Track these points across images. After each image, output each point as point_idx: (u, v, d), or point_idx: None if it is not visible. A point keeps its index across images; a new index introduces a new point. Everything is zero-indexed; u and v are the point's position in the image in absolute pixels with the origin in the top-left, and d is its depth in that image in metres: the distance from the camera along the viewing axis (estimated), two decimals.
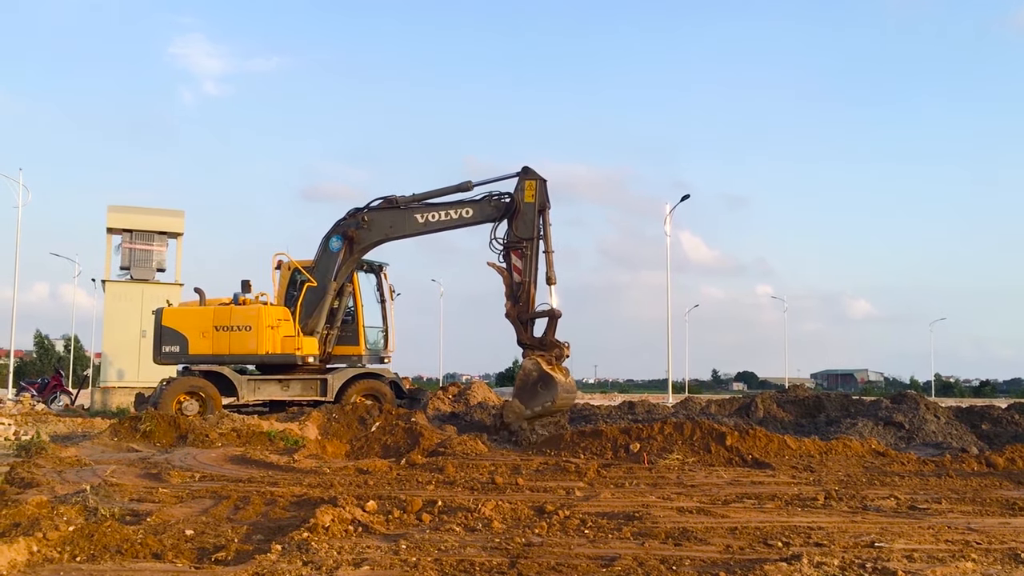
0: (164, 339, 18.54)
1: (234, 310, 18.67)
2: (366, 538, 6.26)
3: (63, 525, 5.93)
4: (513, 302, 17.20)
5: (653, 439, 12.51)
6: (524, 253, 17.36)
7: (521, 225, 17.39)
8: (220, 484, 9.22)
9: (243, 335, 18.52)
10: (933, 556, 5.84)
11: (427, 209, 18.07)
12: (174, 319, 18.73)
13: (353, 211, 18.66)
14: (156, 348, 18.63)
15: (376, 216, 18.35)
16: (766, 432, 12.94)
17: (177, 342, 18.51)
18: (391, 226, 18.31)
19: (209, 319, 18.65)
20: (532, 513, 7.40)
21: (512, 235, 17.45)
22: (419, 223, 18.09)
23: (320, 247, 18.85)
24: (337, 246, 18.53)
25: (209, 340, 18.54)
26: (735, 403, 20.27)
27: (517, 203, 17.43)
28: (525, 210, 17.42)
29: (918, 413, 16.64)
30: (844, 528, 6.96)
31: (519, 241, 17.31)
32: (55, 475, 9.57)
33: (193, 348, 18.50)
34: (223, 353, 18.58)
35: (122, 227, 25.85)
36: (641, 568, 5.36)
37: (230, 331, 18.59)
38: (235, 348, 18.59)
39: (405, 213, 18.16)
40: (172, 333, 18.57)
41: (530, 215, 17.46)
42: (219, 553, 5.69)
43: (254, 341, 18.45)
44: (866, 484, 9.96)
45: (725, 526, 6.97)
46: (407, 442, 13.23)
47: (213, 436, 13.31)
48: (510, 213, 17.52)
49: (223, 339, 18.57)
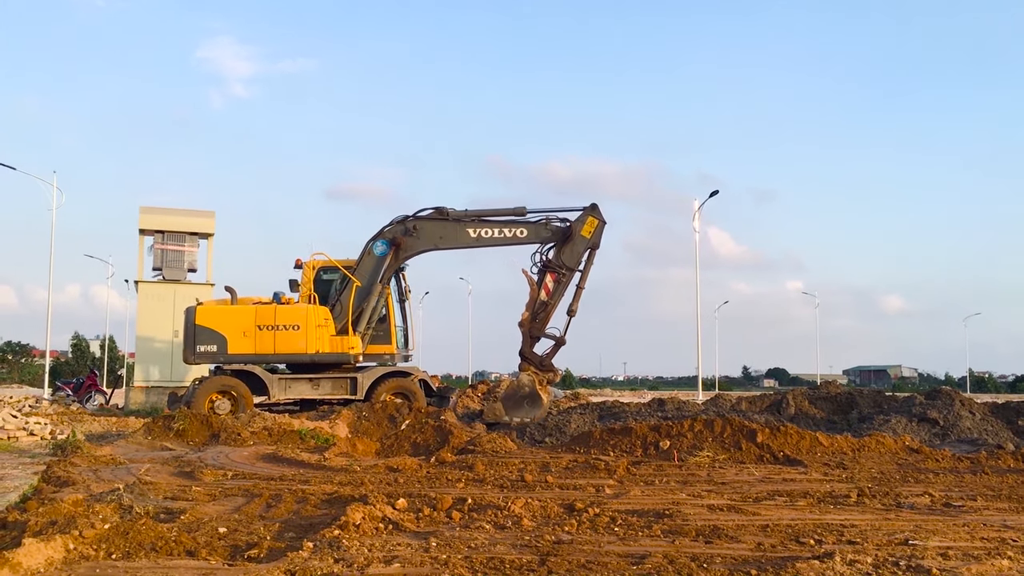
0: (199, 338, 18.41)
1: (279, 309, 18.71)
2: (396, 536, 6.28)
3: (99, 523, 6.00)
4: (532, 316, 18.14)
5: (683, 436, 12.45)
6: (560, 278, 18.29)
7: (569, 253, 18.28)
8: (252, 482, 9.30)
9: (291, 334, 18.59)
10: (968, 554, 5.76)
11: (480, 225, 18.72)
12: (210, 318, 18.59)
13: (401, 218, 19.08)
14: (189, 347, 18.50)
15: (426, 226, 18.82)
16: (798, 429, 12.82)
17: (214, 341, 18.41)
18: (441, 237, 18.89)
19: (250, 318, 18.58)
20: (562, 511, 7.39)
21: (557, 259, 18.30)
22: (471, 237, 18.74)
23: (364, 250, 19.23)
24: (382, 250, 18.98)
25: (251, 339, 18.49)
26: (766, 400, 20.08)
27: (573, 232, 18.25)
28: (578, 241, 18.27)
29: (953, 409, 16.41)
30: (877, 526, 6.89)
31: (560, 266, 18.22)
32: (90, 474, 9.70)
33: (233, 347, 18.44)
34: (267, 352, 18.55)
35: (154, 228, 26.08)
36: (672, 566, 5.34)
37: (275, 330, 18.59)
38: (281, 347, 18.60)
39: (458, 226, 18.74)
40: (208, 332, 18.43)
41: (580, 247, 18.35)
42: (252, 550, 5.74)
43: (303, 340, 18.58)
44: (900, 481, 9.85)
45: (756, 524, 6.93)
46: (437, 440, 13.28)
47: (245, 435, 13.43)
48: (562, 239, 18.31)
49: (267, 338, 18.54)
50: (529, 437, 14.57)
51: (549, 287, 18.37)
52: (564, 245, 18.38)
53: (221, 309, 18.94)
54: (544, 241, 18.69)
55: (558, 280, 18.41)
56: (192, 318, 18.53)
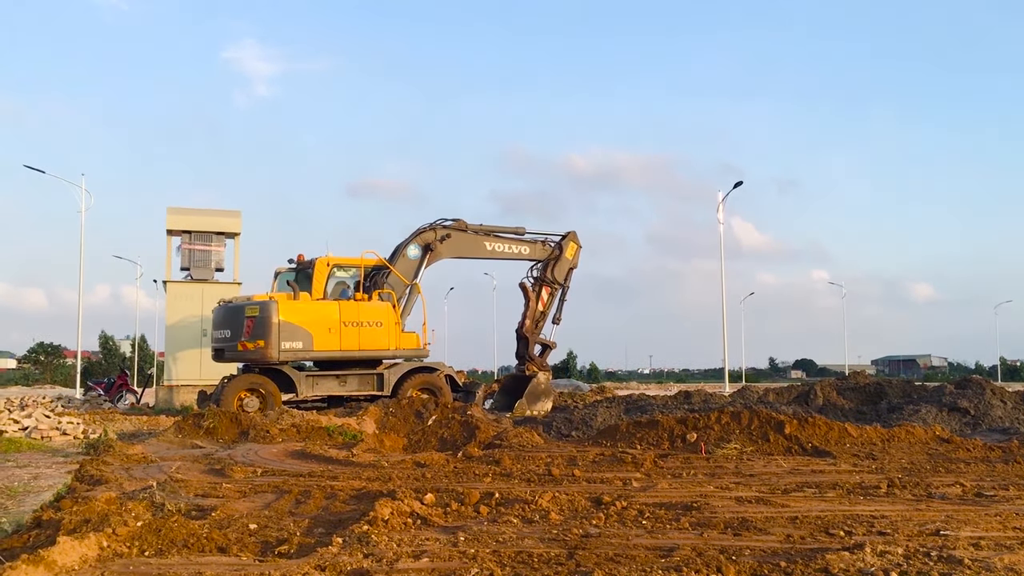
0: (284, 335, 17.89)
1: (362, 306, 18.79)
2: (425, 530, 6.31)
3: (131, 521, 6.08)
4: (533, 324, 21.90)
5: (710, 428, 12.40)
6: (553, 291, 22.28)
7: (558, 270, 22.30)
8: (281, 479, 9.37)
9: (374, 331, 18.79)
10: (1001, 544, 5.70)
11: (494, 240, 21.64)
12: (295, 313, 18.15)
13: (431, 225, 20.86)
14: (272, 344, 17.79)
15: (456, 236, 20.90)
16: (826, 420, 12.74)
17: (299, 338, 18.03)
18: (465, 247, 21.21)
19: (335, 314, 18.51)
20: (589, 504, 7.39)
21: (549, 274, 22.15)
22: (486, 250, 21.61)
23: (398, 253, 20.25)
24: (416, 254, 20.37)
25: (336, 335, 18.38)
26: (793, 391, 19.98)
27: (561, 253, 22.27)
28: (563, 262, 22.36)
29: (984, 398, 16.24)
30: (908, 516, 6.83)
31: (553, 281, 22.22)
32: (123, 472, 9.81)
33: (319, 344, 18.27)
34: (352, 349, 18.59)
35: (181, 228, 26.30)
36: (700, 558, 5.32)
37: (359, 327, 18.60)
38: (364, 344, 18.69)
39: (476, 239, 21.33)
40: (293, 328, 18.02)
41: (566, 267, 22.46)
42: (282, 546, 5.79)
43: (386, 336, 18.84)
44: (930, 471, 9.76)
45: (785, 515, 6.89)
46: (463, 435, 13.31)
47: (274, 432, 13.53)
48: (551, 258, 22.17)
49: (351, 335, 18.50)
50: (556, 431, 14.57)
51: (545, 299, 22.11)
52: (555, 264, 22.17)
53: (306, 305, 18.62)
54: (538, 259, 22.14)
55: (552, 293, 22.24)
56: (275, 314, 17.92)
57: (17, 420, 15.73)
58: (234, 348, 18.38)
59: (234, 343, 18.32)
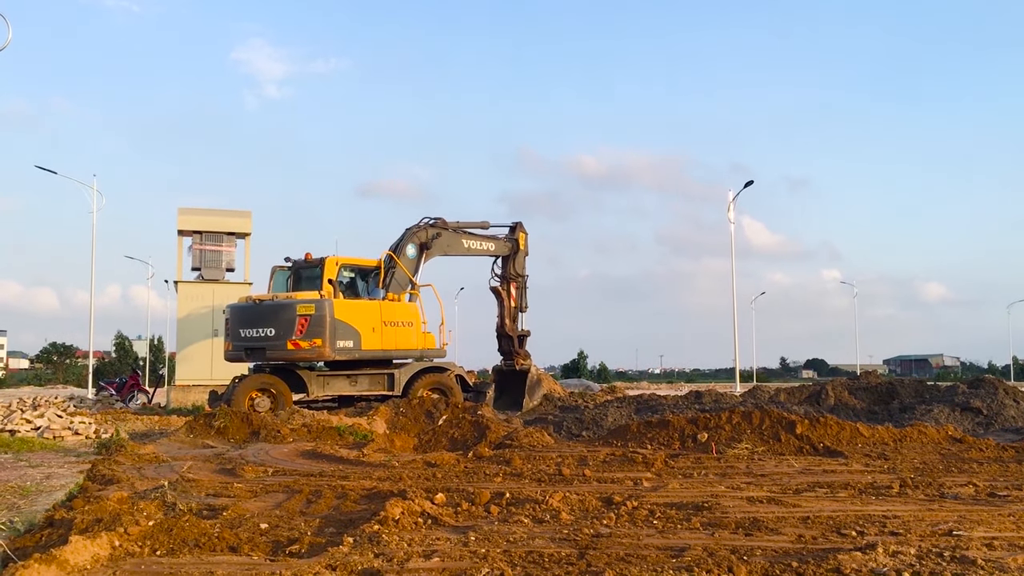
0: (339, 333, 18.07)
1: (396, 306, 19.11)
2: (435, 530, 6.31)
3: (143, 520, 6.10)
4: (512, 321, 22.66)
5: (721, 428, 12.37)
6: (520, 285, 23.03)
7: (519, 264, 22.97)
8: (292, 479, 9.39)
9: (407, 331, 19.28)
10: (1014, 544, 5.67)
11: (469, 237, 22.08)
12: (348, 313, 18.37)
13: (420, 225, 21.06)
14: (329, 343, 17.85)
15: (444, 234, 21.22)
16: (837, 420, 12.69)
17: (351, 337, 18.27)
18: (449, 245, 21.50)
19: (377, 314, 18.81)
20: (600, 504, 7.38)
21: (512, 271, 22.79)
22: (464, 247, 22.01)
23: (397, 253, 20.25)
24: (414, 253, 20.52)
25: (379, 335, 18.72)
26: (804, 391, 19.91)
27: (519, 246, 22.88)
28: (521, 255, 23.01)
29: (996, 398, 16.17)
30: (920, 516, 6.80)
31: (518, 275, 22.90)
32: (134, 471, 9.85)
33: (366, 343, 18.56)
34: (390, 348, 19.04)
35: (192, 229, 26.37)
36: (711, 559, 5.31)
37: (396, 326, 19.00)
38: (400, 343, 19.12)
39: (458, 237, 21.71)
40: (345, 327, 18.22)
41: (523, 258, 23.08)
42: (293, 546, 5.80)
43: (415, 336, 19.31)
44: (943, 471, 9.72)
45: (797, 515, 6.87)
46: (474, 435, 13.32)
47: (285, 432, 13.56)
48: (511, 253, 22.73)
49: (390, 334, 18.90)
50: (566, 431, 14.57)
51: (514, 295, 22.87)
52: (515, 258, 22.80)
53: (355, 304, 18.90)
54: (502, 255, 22.75)
55: (518, 287, 23.03)
56: (330, 313, 18.03)
57: (30, 420, 15.82)
58: (282, 347, 18.06)
59: (280, 342, 18.01)
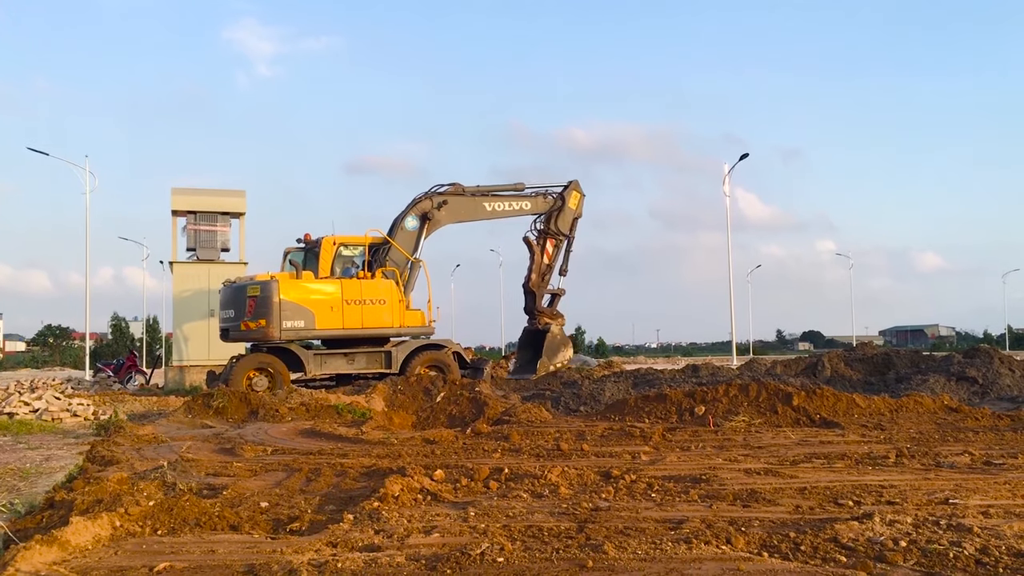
0: (285, 314, 17.89)
1: (365, 284, 18.76)
2: (435, 506, 6.34)
3: (143, 500, 6.11)
4: (539, 277, 22.15)
5: (718, 401, 12.42)
6: (558, 243, 22.46)
7: (562, 221, 22.37)
8: (292, 457, 9.42)
9: (378, 308, 18.74)
10: (1010, 511, 5.71)
11: (493, 199, 21.54)
12: (296, 292, 18.16)
13: (426, 194, 20.63)
14: (274, 323, 17.82)
15: (453, 200, 20.73)
16: (834, 391, 12.74)
17: (301, 316, 18.03)
18: (464, 211, 21.09)
19: (337, 293, 18.48)
20: (598, 478, 7.41)
21: (553, 226, 22.28)
22: (487, 211, 21.43)
23: (396, 225, 20.07)
24: (414, 225, 20.22)
25: (338, 314, 18.37)
26: (801, 363, 19.98)
27: (564, 203, 22.33)
28: (567, 211, 22.48)
29: (992, 367, 16.24)
30: (917, 486, 6.84)
31: (558, 233, 22.35)
32: (134, 452, 9.86)
33: (321, 323, 18.26)
34: (355, 327, 18.56)
35: (186, 209, 26.23)
36: (709, 530, 5.34)
37: (362, 304, 18.54)
38: (368, 322, 18.66)
39: (475, 200, 21.20)
40: (294, 307, 18.01)
41: (570, 216, 22.56)
42: (293, 524, 5.82)
43: (389, 314, 18.81)
44: (939, 441, 9.77)
45: (794, 486, 6.91)
46: (472, 411, 13.35)
47: (283, 411, 13.58)
48: (554, 210, 22.26)
49: (354, 313, 18.47)
50: (564, 406, 14.61)
51: (550, 251, 22.28)
52: (558, 215, 22.23)
53: (307, 284, 18.64)
54: (541, 212, 22.25)
55: (556, 245, 22.39)
56: (275, 293, 17.93)
57: (28, 402, 15.81)
58: (238, 328, 18.42)
59: (238, 323, 18.36)
